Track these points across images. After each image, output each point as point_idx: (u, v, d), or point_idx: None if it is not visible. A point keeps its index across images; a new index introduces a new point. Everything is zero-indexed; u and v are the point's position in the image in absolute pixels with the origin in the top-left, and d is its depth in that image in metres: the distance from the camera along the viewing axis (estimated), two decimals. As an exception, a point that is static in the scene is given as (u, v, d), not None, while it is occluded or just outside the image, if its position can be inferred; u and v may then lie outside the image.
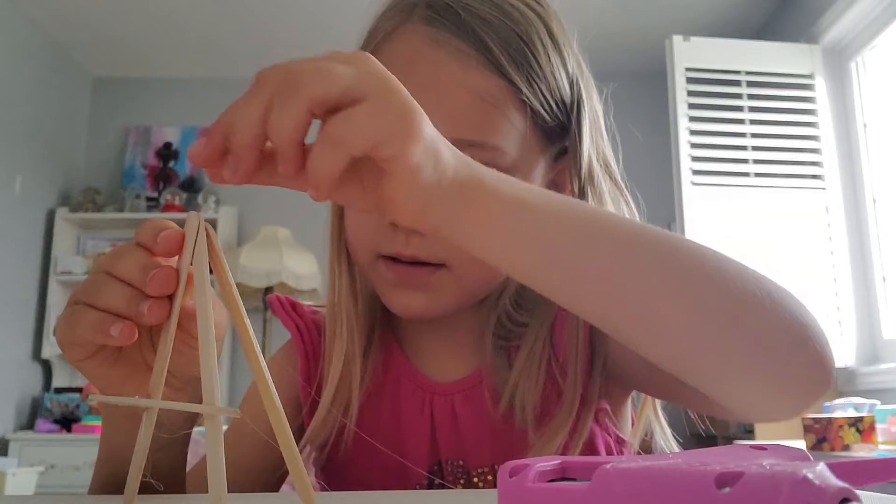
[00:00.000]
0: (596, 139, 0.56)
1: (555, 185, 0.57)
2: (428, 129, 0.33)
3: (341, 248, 0.57)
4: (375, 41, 0.52)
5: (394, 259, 0.51)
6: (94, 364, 0.40)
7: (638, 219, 0.58)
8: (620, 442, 0.56)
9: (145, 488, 0.37)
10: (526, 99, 0.50)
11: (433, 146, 0.33)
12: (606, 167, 0.57)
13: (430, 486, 0.54)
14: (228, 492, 0.50)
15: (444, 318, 0.56)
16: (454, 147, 0.35)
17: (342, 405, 0.54)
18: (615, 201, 0.56)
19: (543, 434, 0.50)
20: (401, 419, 0.56)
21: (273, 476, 0.57)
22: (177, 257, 0.36)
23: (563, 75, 0.53)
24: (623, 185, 0.58)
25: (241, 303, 0.36)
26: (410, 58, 0.50)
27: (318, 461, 0.59)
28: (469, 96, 0.48)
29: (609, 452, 0.55)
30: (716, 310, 0.35)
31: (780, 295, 0.36)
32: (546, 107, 0.51)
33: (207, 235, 0.35)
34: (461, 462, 0.53)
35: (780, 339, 0.35)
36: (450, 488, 0.53)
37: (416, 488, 0.54)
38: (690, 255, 0.36)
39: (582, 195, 0.53)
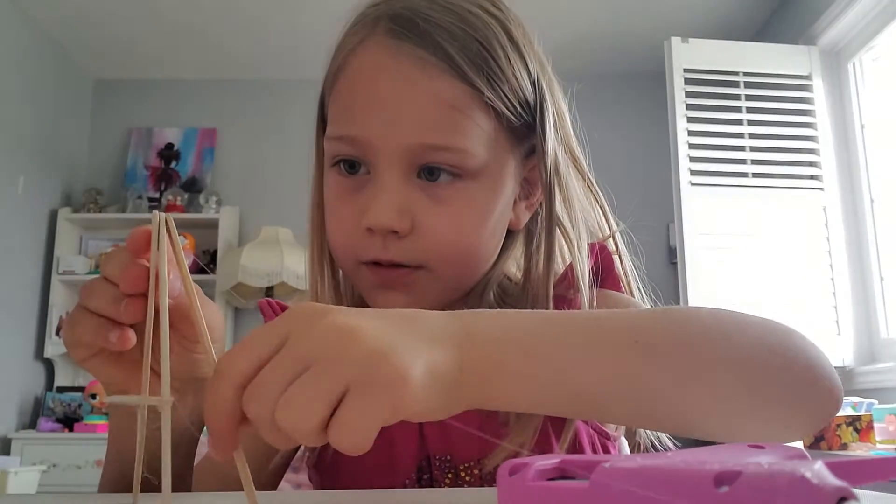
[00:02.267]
0: (562, 136, 0.57)
1: (528, 182, 0.58)
2: (417, 368, 0.31)
3: (323, 253, 0.58)
4: (342, 55, 0.54)
5: (375, 263, 0.52)
6: (97, 363, 0.41)
7: (609, 212, 0.60)
8: (604, 435, 0.57)
9: (147, 486, 0.38)
10: (489, 101, 0.51)
11: (426, 371, 0.31)
12: (575, 163, 0.58)
13: (419, 481, 0.55)
14: (225, 489, 0.51)
15: None
16: (438, 330, 0.34)
17: None
18: (585, 196, 0.58)
19: (519, 423, 0.51)
20: None
21: (270, 472, 0.58)
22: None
23: (525, 76, 0.54)
24: (593, 181, 0.59)
25: (196, 298, 0.37)
26: (375, 70, 0.52)
27: (309, 459, 0.60)
28: (434, 103, 0.50)
29: (592, 446, 0.56)
30: (734, 386, 0.37)
31: (784, 343, 0.39)
32: (510, 107, 0.53)
33: (168, 233, 0.36)
34: (449, 457, 0.54)
35: (793, 389, 0.38)
36: (438, 483, 0.54)
37: (405, 483, 0.54)
38: (700, 341, 0.38)
39: (549, 191, 0.54)
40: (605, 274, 0.57)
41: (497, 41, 0.52)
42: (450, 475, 0.54)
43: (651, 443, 0.59)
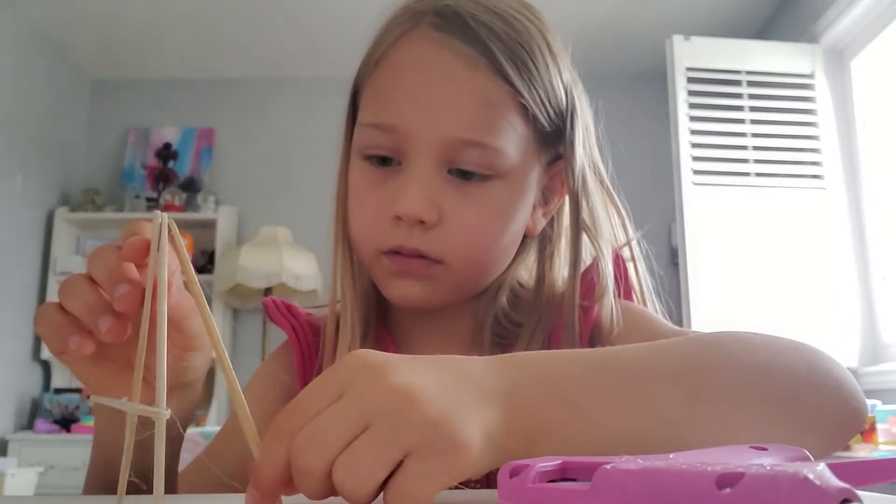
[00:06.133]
0: (588, 147, 0.59)
1: (549, 189, 0.59)
2: (475, 434, 0.30)
3: (345, 246, 0.58)
4: (384, 46, 0.54)
5: (395, 252, 0.53)
6: (74, 360, 0.40)
7: (627, 221, 0.61)
8: None
9: (132, 488, 0.37)
10: (526, 103, 0.52)
11: (482, 436, 0.31)
12: (598, 174, 0.60)
13: None
14: (227, 490, 0.50)
15: (441, 317, 0.57)
16: (487, 387, 0.33)
17: None
18: (605, 207, 0.59)
19: None
20: None
21: None
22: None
23: (560, 84, 0.55)
24: (613, 193, 0.61)
25: (206, 305, 0.35)
26: (418, 60, 0.52)
27: None
28: (473, 97, 0.51)
29: None
30: (771, 419, 0.37)
31: (814, 367, 0.39)
32: (544, 112, 0.54)
33: (172, 236, 0.34)
34: None
35: (822, 414, 0.39)
36: None
37: None
38: (738, 377, 0.38)
39: (574, 200, 0.56)
40: (622, 283, 0.59)
41: (538, 46, 0.53)
42: None
43: None
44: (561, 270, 0.59)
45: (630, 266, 0.61)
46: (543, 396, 0.34)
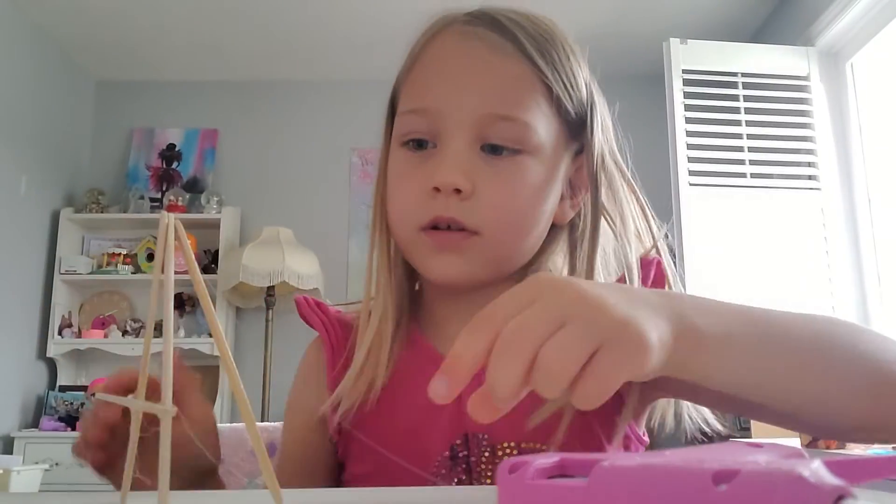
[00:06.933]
0: (609, 140, 0.62)
1: (576, 181, 0.61)
2: (653, 335, 0.33)
3: (383, 232, 0.61)
4: (418, 47, 0.59)
5: (433, 228, 0.56)
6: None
7: (651, 218, 0.63)
8: (641, 441, 0.59)
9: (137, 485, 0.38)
10: (551, 85, 0.56)
11: (657, 339, 0.34)
12: (618, 167, 0.62)
13: (453, 458, 0.55)
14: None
15: (472, 308, 0.57)
16: (656, 305, 0.36)
17: (367, 382, 0.57)
18: (628, 200, 0.61)
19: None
20: (427, 395, 0.57)
21: (324, 467, 0.61)
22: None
23: (581, 76, 0.59)
24: (636, 187, 0.62)
25: (210, 303, 0.36)
26: (449, 51, 0.58)
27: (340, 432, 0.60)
28: (502, 77, 0.55)
29: (635, 449, 0.58)
30: (873, 396, 0.42)
31: None
32: (567, 98, 0.57)
33: (178, 236, 0.35)
34: (487, 436, 0.55)
35: None
36: (475, 461, 0.55)
37: (437, 460, 0.55)
38: (864, 358, 0.42)
39: (596, 191, 0.59)
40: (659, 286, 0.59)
41: (560, 41, 0.59)
42: (486, 453, 0.55)
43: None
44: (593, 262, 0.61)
45: (668, 273, 0.61)
46: (703, 327, 0.38)
